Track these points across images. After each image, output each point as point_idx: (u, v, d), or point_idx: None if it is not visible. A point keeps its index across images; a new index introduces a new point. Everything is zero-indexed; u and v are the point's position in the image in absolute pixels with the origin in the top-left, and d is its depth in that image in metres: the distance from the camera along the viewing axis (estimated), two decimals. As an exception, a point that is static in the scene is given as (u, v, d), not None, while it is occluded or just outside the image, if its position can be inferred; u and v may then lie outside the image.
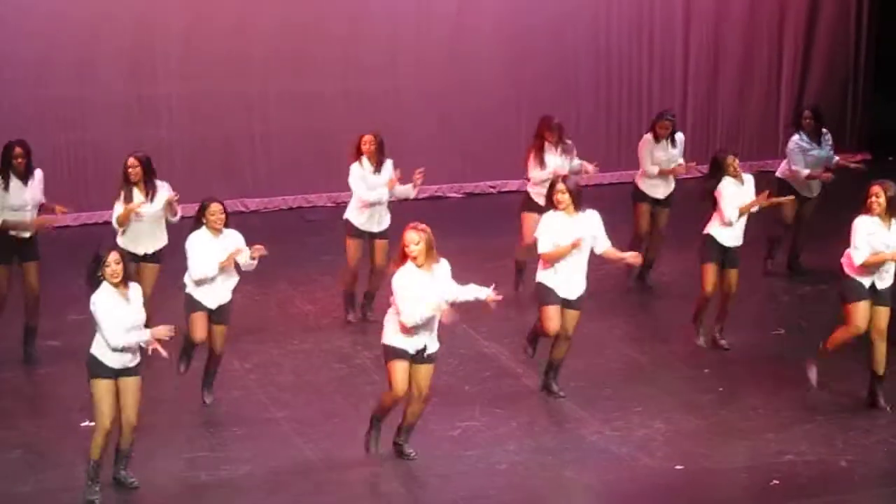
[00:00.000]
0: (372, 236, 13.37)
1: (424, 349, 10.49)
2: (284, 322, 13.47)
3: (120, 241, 12.32)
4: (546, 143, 13.79)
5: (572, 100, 17.68)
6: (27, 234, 12.61)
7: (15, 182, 12.53)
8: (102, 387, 10.00)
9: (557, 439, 11.26)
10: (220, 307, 11.39)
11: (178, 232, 12.13)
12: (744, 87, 19.05)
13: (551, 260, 11.45)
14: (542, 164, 13.74)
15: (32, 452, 10.89)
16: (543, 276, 11.50)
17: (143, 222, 12.40)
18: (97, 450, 10.06)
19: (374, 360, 12.09)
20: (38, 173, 12.69)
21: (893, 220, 11.35)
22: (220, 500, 10.36)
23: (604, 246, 11.55)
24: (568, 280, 11.47)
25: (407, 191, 13.35)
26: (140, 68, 16.57)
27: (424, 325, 10.38)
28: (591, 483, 10.69)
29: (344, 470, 10.73)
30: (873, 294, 11.53)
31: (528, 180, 13.89)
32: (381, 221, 13.33)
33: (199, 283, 11.22)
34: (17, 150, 12.58)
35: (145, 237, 12.48)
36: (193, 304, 11.37)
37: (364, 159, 13.19)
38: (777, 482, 10.45)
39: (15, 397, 12.16)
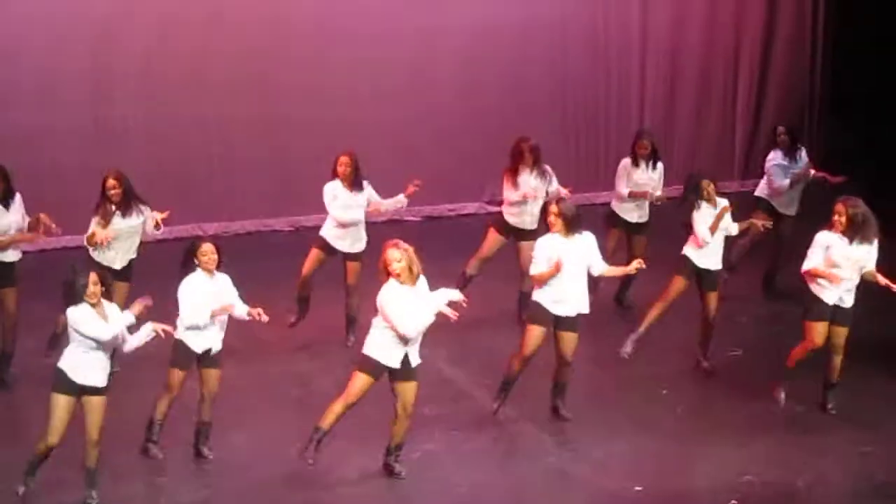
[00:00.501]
0: (345, 257, 13.40)
1: (407, 362, 10.58)
2: (244, 345, 13.41)
3: (94, 254, 12.36)
4: (520, 166, 13.77)
5: (529, 125, 17.67)
6: (7, 260, 12.47)
7: None
8: (61, 402, 10.05)
9: (517, 462, 11.32)
10: (211, 351, 10.95)
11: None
12: (700, 110, 19.04)
13: (538, 282, 11.50)
14: (515, 185, 13.75)
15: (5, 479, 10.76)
16: (538, 294, 11.52)
17: (120, 239, 12.40)
18: (35, 458, 10.20)
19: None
20: (18, 197, 12.56)
21: (856, 238, 11.46)
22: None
23: (600, 268, 11.60)
24: (562, 300, 11.44)
25: (397, 200, 13.49)
26: (99, 91, 16.51)
27: (411, 340, 10.52)
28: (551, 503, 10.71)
29: (302, 491, 10.71)
30: (835, 314, 11.66)
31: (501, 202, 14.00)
32: (354, 243, 13.33)
33: (189, 328, 10.89)
34: None
35: (122, 252, 12.47)
36: (179, 354, 10.89)
37: (338, 181, 13.23)
38: (735, 503, 10.46)
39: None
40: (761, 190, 14.82)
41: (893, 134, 17.76)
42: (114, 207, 12.37)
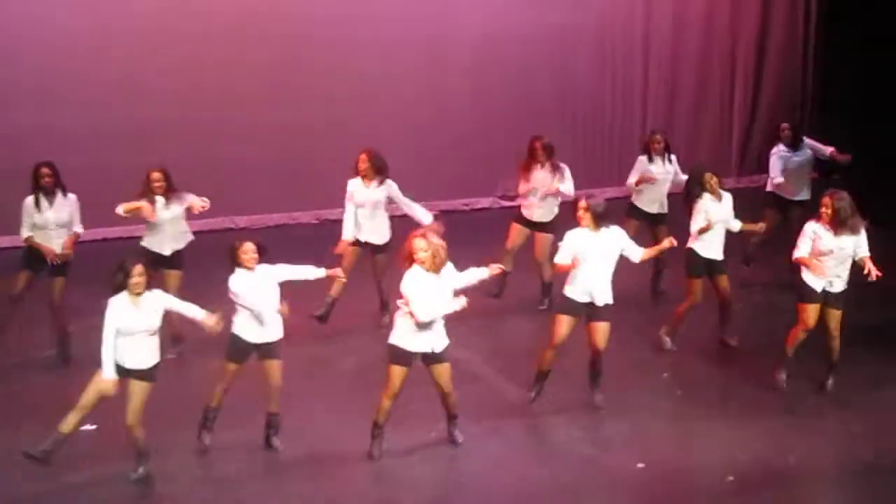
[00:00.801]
0: (373, 250, 13.36)
1: (432, 350, 10.57)
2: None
3: (145, 241, 12.56)
4: (533, 162, 13.73)
5: (538, 125, 17.64)
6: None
7: (44, 202, 12.43)
8: (96, 377, 10.11)
9: (528, 441, 11.30)
10: (268, 343, 10.75)
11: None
12: (699, 111, 19.09)
13: (559, 272, 11.50)
14: (528, 180, 13.76)
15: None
16: (567, 288, 11.43)
17: (165, 225, 12.50)
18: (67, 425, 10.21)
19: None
20: (71, 197, 12.55)
21: (841, 229, 11.46)
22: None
23: (637, 254, 11.45)
24: (588, 291, 11.32)
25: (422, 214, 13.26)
26: (137, 96, 16.48)
27: (429, 326, 10.48)
28: (557, 480, 10.65)
29: (329, 469, 10.68)
30: (826, 297, 11.65)
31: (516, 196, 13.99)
32: (375, 236, 13.29)
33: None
34: (43, 170, 12.47)
35: (168, 239, 12.53)
36: (233, 348, 10.77)
37: (358, 178, 13.20)
38: (731, 479, 10.47)
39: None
40: (769, 184, 14.79)
41: (880, 131, 17.79)
42: (158, 198, 12.47)
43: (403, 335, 10.53)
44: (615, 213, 11.86)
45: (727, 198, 12.60)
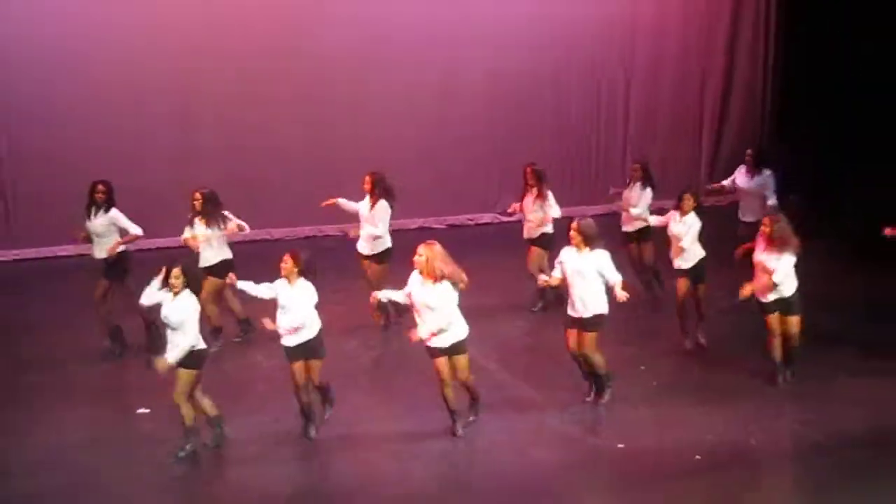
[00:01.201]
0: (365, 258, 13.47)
1: (449, 345, 10.61)
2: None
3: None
4: (526, 186, 13.84)
5: (533, 152, 17.67)
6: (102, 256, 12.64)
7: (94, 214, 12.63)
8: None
9: (523, 424, 11.28)
10: (304, 345, 10.72)
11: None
12: (673, 138, 18.96)
13: (548, 286, 11.67)
14: (519, 201, 13.88)
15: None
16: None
17: (203, 243, 12.57)
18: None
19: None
20: (113, 211, 12.63)
21: (777, 248, 11.45)
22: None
23: (612, 281, 11.13)
24: (573, 303, 11.22)
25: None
26: (185, 119, 16.65)
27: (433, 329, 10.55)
28: (549, 458, 10.73)
29: (339, 449, 10.82)
30: (779, 305, 11.66)
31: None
32: (367, 247, 13.39)
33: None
34: (99, 186, 12.66)
35: (207, 253, 12.59)
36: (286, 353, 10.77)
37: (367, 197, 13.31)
38: (699, 458, 10.50)
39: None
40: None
41: (828, 160, 17.70)
42: (197, 216, 12.55)
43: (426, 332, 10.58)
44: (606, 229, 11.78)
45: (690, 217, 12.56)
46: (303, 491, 10.23)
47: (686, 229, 12.64)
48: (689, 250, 12.68)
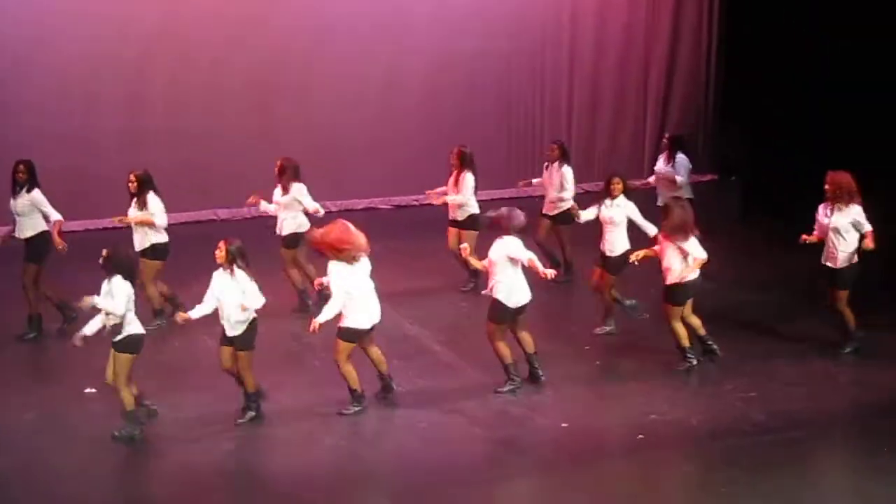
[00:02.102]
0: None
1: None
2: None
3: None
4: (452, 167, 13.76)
5: (482, 136, 17.70)
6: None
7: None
8: None
9: (470, 404, 11.18)
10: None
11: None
12: (616, 125, 18.93)
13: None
14: (447, 183, 13.78)
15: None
16: None
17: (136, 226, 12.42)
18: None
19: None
20: (35, 191, 12.38)
21: (680, 235, 11.35)
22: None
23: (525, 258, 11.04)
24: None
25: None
26: (137, 110, 16.51)
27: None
28: (494, 437, 10.71)
29: (285, 425, 10.72)
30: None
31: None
32: (282, 228, 13.10)
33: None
34: (20, 167, 12.42)
35: (136, 235, 12.40)
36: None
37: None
38: (642, 437, 10.50)
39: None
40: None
41: (770, 146, 17.76)
42: (132, 198, 12.41)
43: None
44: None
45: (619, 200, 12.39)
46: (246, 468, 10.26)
47: (619, 212, 12.46)
48: (618, 239, 12.47)
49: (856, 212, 11.73)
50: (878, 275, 13.64)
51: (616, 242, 12.38)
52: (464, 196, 13.59)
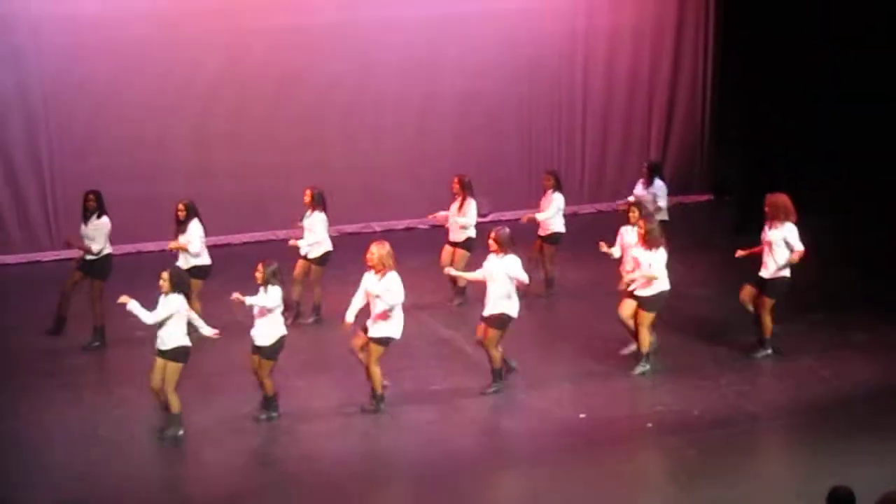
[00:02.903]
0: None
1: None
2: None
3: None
4: (454, 194, 13.71)
5: (504, 166, 17.48)
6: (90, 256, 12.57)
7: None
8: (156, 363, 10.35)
9: (495, 397, 11.31)
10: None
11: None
12: (625, 145, 18.53)
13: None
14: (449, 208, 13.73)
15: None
16: None
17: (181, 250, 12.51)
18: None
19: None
20: (104, 219, 12.53)
21: (650, 246, 11.38)
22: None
23: (522, 278, 11.19)
24: (486, 302, 11.26)
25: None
26: (202, 143, 16.58)
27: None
28: (518, 428, 10.93)
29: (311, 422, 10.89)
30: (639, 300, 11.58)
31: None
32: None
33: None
34: (89, 195, 12.61)
35: (180, 258, 12.50)
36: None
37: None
38: (650, 426, 10.74)
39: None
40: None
41: (765, 166, 17.15)
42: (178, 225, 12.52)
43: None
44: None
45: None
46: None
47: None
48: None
49: (788, 229, 11.73)
50: (856, 281, 13.95)
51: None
52: (468, 220, 13.56)
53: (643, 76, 18.46)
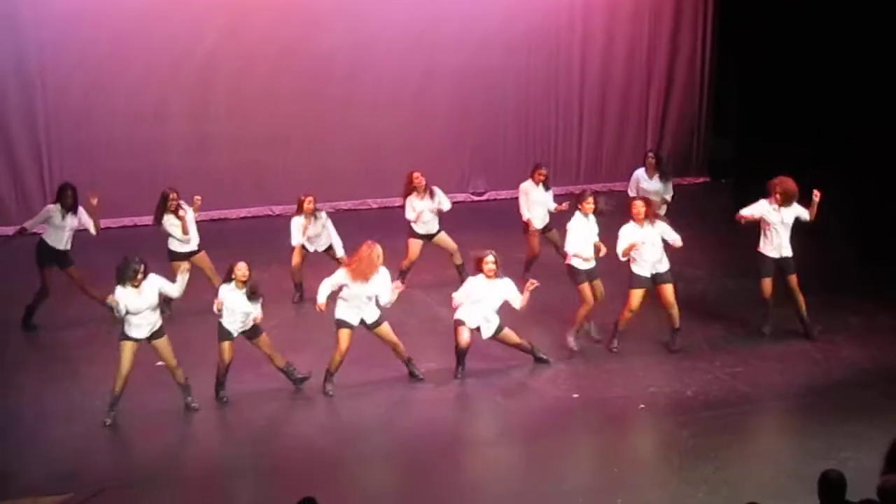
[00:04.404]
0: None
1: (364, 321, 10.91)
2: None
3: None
4: (413, 192, 13.36)
5: (502, 144, 17.50)
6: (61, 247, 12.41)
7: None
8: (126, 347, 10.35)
9: (491, 375, 11.41)
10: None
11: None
12: (621, 133, 18.59)
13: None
14: (412, 207, 13.33)
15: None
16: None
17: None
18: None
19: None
20: (79, 210, 12.45)
21: (647, 224, 11.41)
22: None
23: (517, 302, 11.25)
24: (478, 315, 11.28)
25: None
26: (200, 117, 16.60)
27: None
28: (514, 406, 10.98)
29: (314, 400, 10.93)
30: (655, 278, 11.57)
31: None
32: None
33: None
34: (68, 191, 12.45)
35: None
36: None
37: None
38: (643, 406, 10.74)
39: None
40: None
41: (757, 152, 17.32)
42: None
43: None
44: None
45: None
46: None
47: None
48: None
49: (797, 208, 11.89)
50: (851, 264, 13.98)
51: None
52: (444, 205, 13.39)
53: (641, 55, 18.47)
